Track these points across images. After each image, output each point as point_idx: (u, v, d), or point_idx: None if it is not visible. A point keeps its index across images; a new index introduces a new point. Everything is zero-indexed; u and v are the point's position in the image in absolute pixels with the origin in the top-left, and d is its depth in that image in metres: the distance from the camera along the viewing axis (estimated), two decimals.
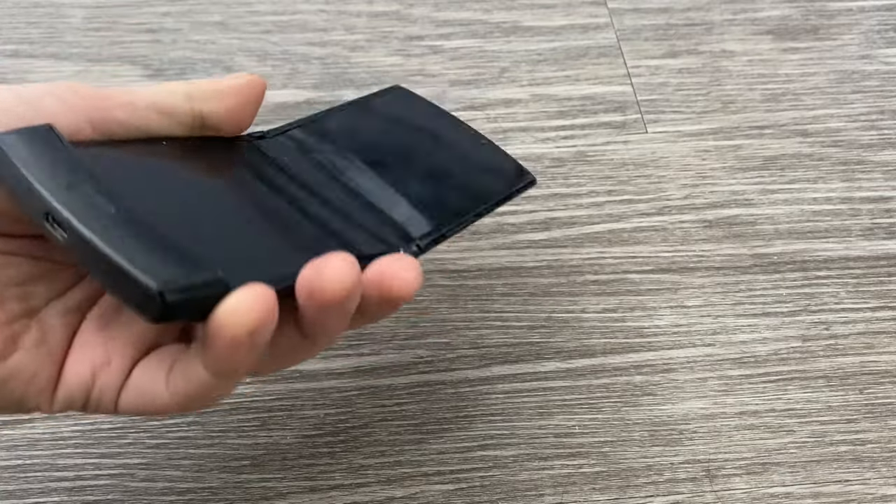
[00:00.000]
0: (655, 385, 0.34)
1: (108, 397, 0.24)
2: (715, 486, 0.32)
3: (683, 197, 0.39)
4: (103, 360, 0.24)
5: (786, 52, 0.44)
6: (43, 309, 0.24)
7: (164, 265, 0.20)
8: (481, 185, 0.31)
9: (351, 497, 0.31)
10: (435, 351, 0.35)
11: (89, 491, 0.31)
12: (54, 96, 0.23)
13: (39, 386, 0.23)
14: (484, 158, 0.32)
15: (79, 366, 0.24)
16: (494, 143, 0.32)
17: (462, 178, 0.31)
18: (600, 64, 0.43)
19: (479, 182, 0.31)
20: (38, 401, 0.23)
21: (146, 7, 0.44)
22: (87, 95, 0.24)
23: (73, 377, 0.24)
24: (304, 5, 0.45)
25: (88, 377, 0.24)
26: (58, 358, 0.24)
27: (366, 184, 0.29)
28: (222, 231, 0.24)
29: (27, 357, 0.23)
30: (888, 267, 0.38)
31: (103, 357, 0.24)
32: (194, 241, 0.22)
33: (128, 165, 0.24)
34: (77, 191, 0.21)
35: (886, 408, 0.34)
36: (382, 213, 0.28)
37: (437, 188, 0.30)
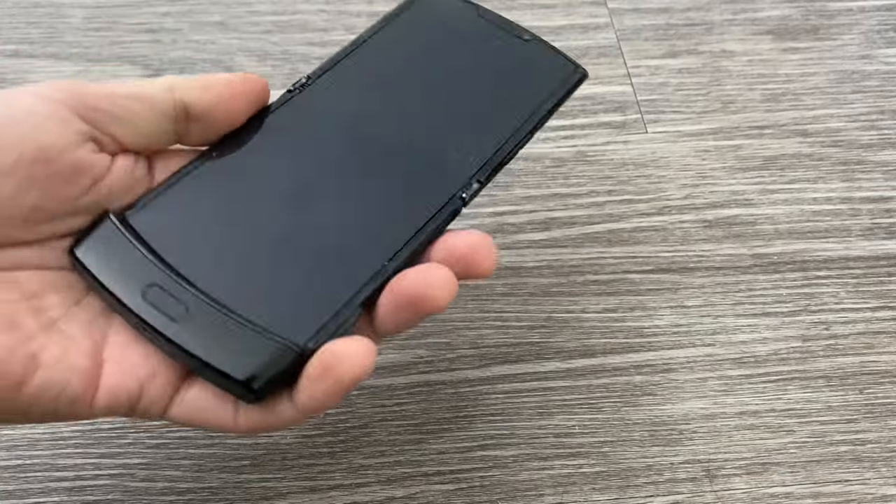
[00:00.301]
0: (655, 385, 0.34)
1: (157, 407, 0.24)
2: (715, 486, 0.32)
3: (683, 197, 0.39)
4: (149, 374, 0.24)
5: (786, 52, 0.44)
6: (61, 319, 0.24)
7: (244, 353, 0.22)
8: (533, 91, 0.30)
9: (351, 497, 0.31)
10: (435, 351, 0.35)
11: (89, 491, 0.31)
12: (32, 94, 0.23)
13: (71, 398, 0.23)
14: (530, 59, 0.30)
15: (122, 377, 0.24)
16: (538, 36, 0.31)
17: (512, 89, 0.30)
18: (600, 64, 0.43)
19: (530, 89, 0.30)
20: (73, 411, 0.23)
21: (146, 7, 0.44)
22: (65, 88, 0.24)
23: (116, 388, 0.24)
24: (304, 5, 0.45)
25: (135, 389, 0.24)
26: (87, 370, 0.23)
27: (415, 122, 0.28)
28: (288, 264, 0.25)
29: (51, 374, 0.23)
30: (888, 267, 0.38)
31: (149, 370, 0.24)
32: (265, 302, 0.24)
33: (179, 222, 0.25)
34: (151, 293, 0.23)
35: (886, 408, 0.34)
36: (438, 151, 0.28)
37: (488, 108, 0.29)
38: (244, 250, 0.25)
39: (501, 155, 0.28)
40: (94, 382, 0.23)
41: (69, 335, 0.24)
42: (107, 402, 0.23)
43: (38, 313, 0.23)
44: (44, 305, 0.24)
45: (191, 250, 0.25)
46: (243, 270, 0.24)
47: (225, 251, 0.25)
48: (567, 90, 0.30)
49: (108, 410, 0.24)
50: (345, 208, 0.26)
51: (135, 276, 0.24)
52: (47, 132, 0.23)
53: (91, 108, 0.24)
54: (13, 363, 0.22)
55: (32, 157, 0.23)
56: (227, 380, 0.23)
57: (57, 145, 0.23)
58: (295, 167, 0.27)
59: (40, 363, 0.23)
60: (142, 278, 0.24)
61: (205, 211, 0.26)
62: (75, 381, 0.23)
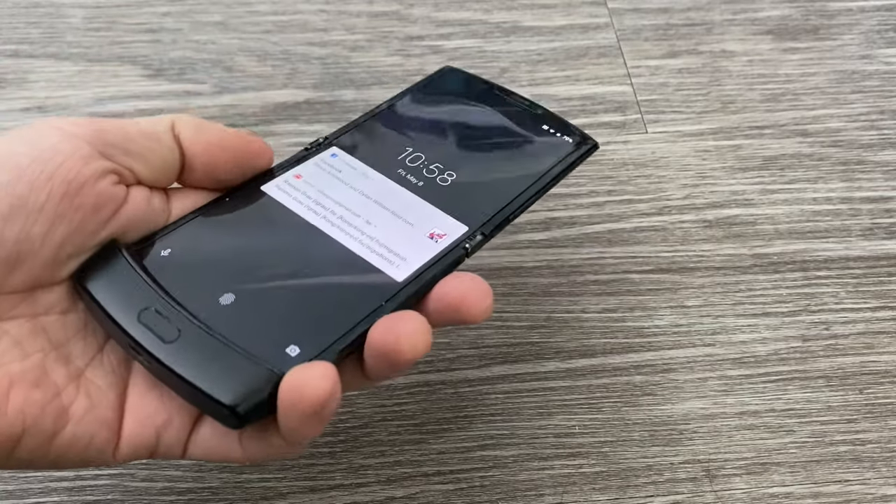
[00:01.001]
0: (655, 385, 0.34)
1: (175, 450, 0.25)
2: (715, 486, 0.32)
3: (683, 197, 0.39)
4: (165, 420, 0.25)
5: (786, 52, 0.44)
6: (88, 368, 0.24)
7: (232, 378, 0.23)
8: (543, 158, 0.31)
9: (351, 497, 0.31)
10: (435, 351, 0.35)
11: (89, 491, 0.31)
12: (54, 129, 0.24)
13: (97, 448, 0.24)
14: (542, 129, 0.32)
15: (140, 427, 0.24)
16: (549, 111, 0.32)
17: (524, 155, 0.31)
18: (600, 64, 0.44)
19: (540, 156, 0.31)
20: (100, 459, 0.24)
21: (146, 7, 0.44)
22: (83, 124, 0.25)
23: (136, 438, 0.24)
24: (304, 5, 0.45)
25: (153, 437, 0.24)
26: (112, 421, 0.24)
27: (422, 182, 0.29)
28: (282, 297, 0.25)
29: (79, 428, 0.23)
30: (888, 267, 0.38)
31: (164, 417, 0.25)
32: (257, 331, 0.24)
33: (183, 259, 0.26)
34: (147, 317, 0.24)
35: (886, 408, 0.34)
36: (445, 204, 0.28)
37: (500, 170, 0.30)
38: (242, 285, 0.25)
39: (507, 213, 0.28)
40: (117, 433, 0.24)
41: (96, 385, 0.24)
42: (128, 451, 0.24)
43: (66, 363, 0.24)
44: (70, 354, 0.24)
45: (191, 282, 0.25)
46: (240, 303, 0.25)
47: (224, 285, 0.25)
48: (578, 157, 0.31)
49: (130, 458, 0.24)
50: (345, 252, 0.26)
51: (133, 300, 0.24)
52: (73, 169, 0.23)
53: (109, 144, 0.25)
54: (45, 420, 0.23)
55: (61, 194, 0.23)
56: (212, 403, 0.23)
57: (81, 180, 0.24)
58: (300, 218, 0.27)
59: (70, 418, 0.23)
60: (139, 302, 0.24)
61: (210, 248, 0.26)
62: (102, 433, 0.24)
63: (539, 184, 0.29)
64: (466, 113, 0.32)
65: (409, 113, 0.32)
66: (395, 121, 0.32)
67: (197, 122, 0.27)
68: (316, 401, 0.22)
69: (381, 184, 0.29)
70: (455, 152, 0.30)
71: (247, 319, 0.24)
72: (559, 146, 0.31)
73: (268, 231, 0.27)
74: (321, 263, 0.26)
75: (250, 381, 0.23)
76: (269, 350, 0.23)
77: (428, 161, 0.30)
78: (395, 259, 0.26)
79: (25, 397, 0.22)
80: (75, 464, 0.24)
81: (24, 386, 0.23)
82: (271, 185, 0.28)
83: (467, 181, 0.29)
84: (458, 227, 0.27)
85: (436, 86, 0.33)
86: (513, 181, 0.29)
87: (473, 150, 0.31)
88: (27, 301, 0.24)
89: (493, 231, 0.28)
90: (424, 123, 0.32)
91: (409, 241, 0.27)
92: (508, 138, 0.31)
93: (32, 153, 0.23)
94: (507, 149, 0.31)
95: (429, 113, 0.32)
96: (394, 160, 0.30)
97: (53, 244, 0.23)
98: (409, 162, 0.29)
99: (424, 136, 0.31)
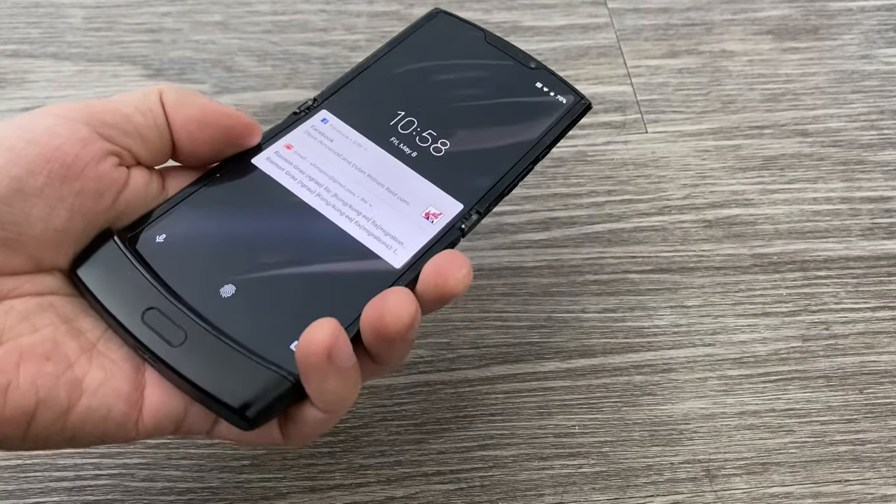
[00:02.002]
0: (655, 385, 0.34)
1: (201, 425, 0.25)
2: (715, 486, 0.32)
3: (683, 197, 0.39)
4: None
5: (786, 52, 0.44)
6: (99, 343, 0.24)
7: (241, 382, 0.23)
8: (537, 122, 0.30)
9: (351, 497, 0.31)
10: (435, 351, 0.35)
11: (89, 491, 0.31)
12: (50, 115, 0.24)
13: (116, 421, 0.23)
14: (534, 88, 0.31)
15: (166, 398, 0.24)
16: (543, 64, 0.31)
17: (515, 121, 0.30)
18: (600, 64, 0.43)
19: (534, 119, 0.30)
20: (121, 434, 0.24)
21: (146, 7, 0.44)
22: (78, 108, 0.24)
23: (161, 409, 0.24)
24: (304, 5, 0.45)
25: (180, 409, 0.24)
26: (129, 393, 0.24)
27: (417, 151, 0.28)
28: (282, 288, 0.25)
29: (94, 400, 0.23)
30: (888, 267, 0.38)
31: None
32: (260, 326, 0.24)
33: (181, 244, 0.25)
34: (151, 318, 0.23)
35: (886, 408, 0.34)
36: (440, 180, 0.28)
37: (491, 139, 0.29)
38: (243, 275, 0.25)
39: (501, 187, 0.28)
40: (137, 404, 0.24)
41: (109, 358, 0.24)
42: (153, 423, 0.24)
43: (77, 336, 0.24)
44: (81, 328, 0.24)
45: (191, 274, 0.25)
46: (242, 296, 0.25)
47: (225, 276, 0.25)
48: (570, 122, 0.30)
49: (154, 431, 0.24)
50: (343, 237, 0.26)
51: (135, 299, 0.24)
52: (71, 152, 0.23)
53: (107, 125, 0.24)
54: (58, 392, 0.22)
55: (61, 176, 0.23)
56: (222, 406, 0.23)
57: (82, 162, 0.23)
58: (295, 197, 0.27)
59: (84, 389, 0.23)
60: (142, 301, 0.24)
61: (207, 233, 0.26)
62: (119, 405, 0.23)
63: (533, 153, 0.29)
64: (458, 69, 0.31)
65: (399, 68, 0.30)
66: (385, 77, 0.30)
67: (179, 95, 0.26)
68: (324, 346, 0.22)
69: (374, 155, 0.28)
70: (447, 116, 0.29)
71: (249, 313, 0.24)
72: (552, 107, 0.30)
73: (263, 213, 0.26)
74: (320, 250, 0.26)
75: (259, 384, 0.23)
76: (273, 347, 0.23)
77: (420, 127, 0.29)
78: (392, 243, 0.26)
79: (37, 369, 0.22)
80: (95, 439, 0.23)
81: (36, 358, 0.22)
82: (262, 157, 0.27)
83: (461, 150, 0.29)
84: (453, 206, 0.27)
85: (427, 35, 0.32)
86: (507, 150, 0.29)
87: (466, 114, 0.30)
88: (31, 281, 0.23)
89: (488, 207, 0.28)
90: (416, 82, 0.30)
91: (406, 223, 0.27)
92: (501, 99, 0.30)
93: (27, 136, 0.23)
94: (500, 112, 0.30)
95: (420, 69, 0.31)
96: (386, 126, 0.29)
97: (54, 228, 0.23)
98: (401, 129, 0.29)
99: (416, 97, 0.30)
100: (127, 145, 0.25)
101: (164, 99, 0.25)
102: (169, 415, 0.24)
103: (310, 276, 0.25)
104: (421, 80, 0.30)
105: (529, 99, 0.30)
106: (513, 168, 0.28)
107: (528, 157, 0.29)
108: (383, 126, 0.29)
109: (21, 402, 0.22)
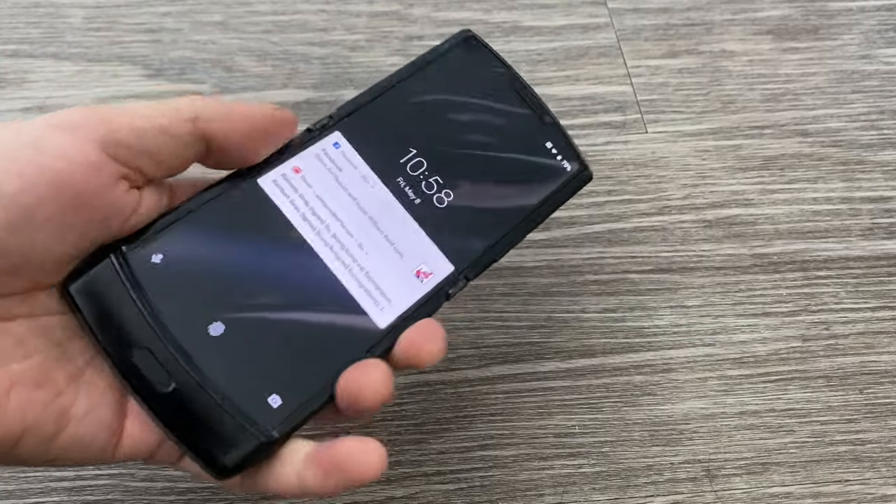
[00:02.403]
0: (655, 385, 0.34)
1: (171, 458, 0.25)
2: (715, 486, 0.32)
3: (683, 197, 0.39)
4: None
5: (786, 52, 0.44)
6: (88, 368, 0.24)
7: (218, 437, 0.23)
8: (540, 187, 0.29)
9: (351, 497, 0.31)
10: None
11: (89, 491, 0.31)
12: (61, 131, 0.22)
13: (98, 447, 0.24)
14: (543, 148, 0.30)
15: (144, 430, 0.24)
16: (557, 120, 0.30)
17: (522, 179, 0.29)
18: (600, 64, 0.43)
19: (537, 184, 0.29)
20: (99, 458, 0.24)
21: (146, 7, 0.44)
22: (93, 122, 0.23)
23: (138, 441, 0.24)
24: (304, 5, 0.45)
25: (154, 441, 0.25)
26: (112, 422, 0.24)
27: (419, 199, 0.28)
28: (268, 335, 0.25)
29: (80, 428, 0.23)
30: (888, 267, 0.38)
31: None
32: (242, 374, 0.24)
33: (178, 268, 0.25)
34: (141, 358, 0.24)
35: (886, 408, 0.34)
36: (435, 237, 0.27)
37: (488, 202, 0.29)
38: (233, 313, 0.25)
39: (494, 253, 0.28)
40: (118, 433, 0.24)
41: (95, 386, 0.24)
42: (130, 450, 0.24)
43: (67, 362, 0.24)
44: (71, 352, 0.24)
45: (183, 305, 0.24)
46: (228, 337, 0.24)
47: (215, 311, 0.25)
48: (569, 193, 0.30)
49: (129, 458, 0.24)
50: (335, 286, 0.26)
51: (127, 334, 0.24)
52: (82, 180, 0.22)
53: (121, 145, 0.23)
54: (46, 420, 0.23)
55: (73, 206, 0.22)
56: (196, 455, 0.23)
57: (94, 191, 0.23)
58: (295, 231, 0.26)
59: (70, 418, 0.23)
60: (133, 338, 0.24)
61: (203, 260, 0.25)
62: (102, 434, 0.24)
63: (529, 221, 0.29)
64: (475, 111, 0.30)
65: (418, 97, 0.30)
66: (403, 105, 0.29)
67: (224, 111, 0.25)
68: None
69: (379, 195, 0.28)
70: (456, 164, 0.29)
71: (233, 357, 0.24)
72: (556, 174, 0.30)
73: (261, 245, 0.26)
74: (311, 297, 0.26)
75: (235, 440, 0.23)
76: (252, 400, 0.24)
77: (429, 171, 0.28)
78: (381, 299, 0.26)
79: (27, 397, 0.22)
80: (74, 462, 0.24)
81: (26, 386, 0.22)
82: (268, 179, 0.27)
83: (462, 205, 0.28)
84: (445, 266, 0.27)
85: (452, 61, 0.31)
86: (506, 213, 0.28)
87: (473, 165, 0.29)
88: (27, 302, 0.24)
89: (476, 274, 0.28)
90: (431, 116, 0.30)
91: (397, 278, 0.26)
92: (510, 154, 0.30)
93: (38, 159, 0.22)
94: (506, 168, 0.29)
95: (438, 102, 0.30)
96: (396, 164, 0.28)
97: (59, 252, 0.23)
98: (410, 169, 0.28)
99: (429, 135, 0.29)
100: (137, 165, 0.24)
101: (203, 124, 0.24)
102: (145, 444, 0.24)
103: (297, 324, 0.25)
104: (436, 116, 0.30)
105: (536, 160, 0.30)
106: (507, 235, 0.28)
107: (523, 225, 0.29)
108: (393, 163, 0.28)
109: (8, 429, 0.22)
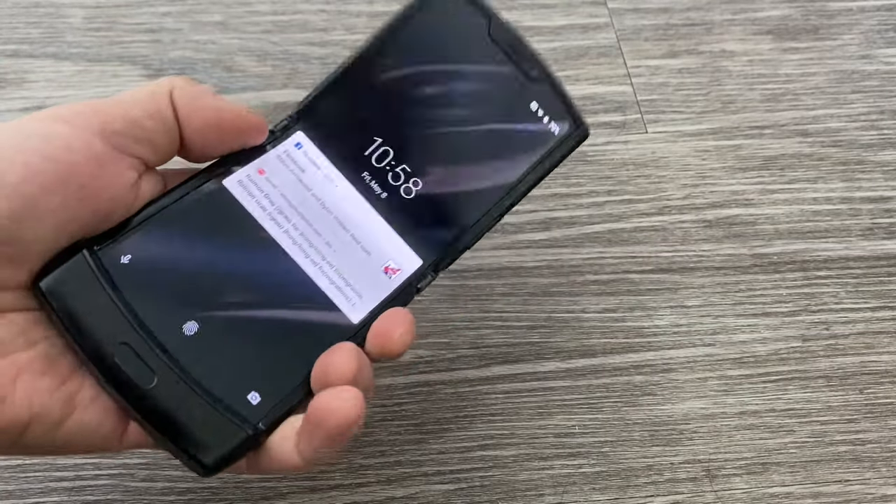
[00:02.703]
0: (655, 385, 0.34)
1: None
2: (715, 486, 0.32)
3: (683, 197, 0.39)
4: None
5: (786, 52, 0.44)
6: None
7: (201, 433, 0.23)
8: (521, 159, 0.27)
9: (351, 497, 0.31)
10: (435, 351, 0.35)
11: (89, 491, 0.31)
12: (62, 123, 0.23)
13: (103, 435, 0.24)
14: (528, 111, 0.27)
15: None
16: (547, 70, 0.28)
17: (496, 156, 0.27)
18: (600, 64, 0.43)
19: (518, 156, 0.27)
20: (105, 446, 0.24)
21: (146, 7, 0.44)
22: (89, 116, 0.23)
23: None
24: (304, 5, 0.45)
25: None
26: (118, 409, 0.24)
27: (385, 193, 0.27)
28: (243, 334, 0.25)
29: (86, 415, 0.23)
30: (888, 267, 0.38)
31: None
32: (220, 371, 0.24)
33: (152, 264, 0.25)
34: (120, 353, 0.23)
35: (886, 408, 0.34)
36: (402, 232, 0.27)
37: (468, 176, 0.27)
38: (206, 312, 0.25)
39: (465, 241, 0.27)
40: (124, 420, 0.24)
41: None
42: (135, 439, 0.24)
43: (70, 351, 0.24)
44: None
45: (156, 304, 0.24)
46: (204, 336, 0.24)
47: (189, 311, 0.24)
48: (561, 155, 0.27)
49: (136, 445, 0.24)
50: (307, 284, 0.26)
51: (102, 331, 0.23)
52: (86, 172, 0.23)
53: (119, 135, 0.23)
54: (52, 407, 0.23)
55: (77, 198, 0.23)
56: (181, 453, 0.23)
57: (98, 182, 0.23)
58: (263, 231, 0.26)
59: (76, 405, 0.23)
60: (110, 335, 0.23)
61: (172, 260, 0.25)
62: (108, 421, 0.24)
63: (506, 200, 0.27)
64: (447, 78, 0.27)
65: (382, 74, 0.27)
66: (366, 85, 0.27)
67: (191, 95, 0.25)
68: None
69: (343, 194, 0.27)
70: (425, 147, 0.27)
71: (210, 356, 0.24)
72: (541, 140, 0.27)
73: (230, 245, 0.25)
74: (284, 294, 0.25)
75: (219, 435, 0.23)
76: (233, 395, 0.24)
77: (395, 160, 0.27)
78: (352, 296, 0.26)
79: (33, 385, 0.22)
80: (82, 450, 0.24)
81: (32, 374, 0.23)
82: (234, 180, 0.26)
83: (432, 193, 0.27)
84: (412, 261, 0.27)
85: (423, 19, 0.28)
86: (480, 195, 0.27)
87: (445, 145, 0.27)
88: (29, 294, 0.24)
89: (448, 265, 0.27)
90: (398, 93, 0.27)
91: (366, 275, 0.26)
92: (487, 125, 0.27)
93: (44, 150, 0.22)
94: (482, 144, 0.27)
95: (404, 77, 0.27)
96: (360, 157, 0.27)
97: (61, 243, 0.23)
98: (375, 161, 0.27)
99: (396, 117, 0.27)
100: (137, 153, 0.24)
101: (175, 101, 0.24)
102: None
103: (271, 321, 0.25)
104: (402, 95, 0.28)
105: (517, 127, 0.27)
106: (480, 220, 0.27)
107: (500, 205, 0.27)
108: (358, 157, 0.27)
109: (16, 416, 0.22)
